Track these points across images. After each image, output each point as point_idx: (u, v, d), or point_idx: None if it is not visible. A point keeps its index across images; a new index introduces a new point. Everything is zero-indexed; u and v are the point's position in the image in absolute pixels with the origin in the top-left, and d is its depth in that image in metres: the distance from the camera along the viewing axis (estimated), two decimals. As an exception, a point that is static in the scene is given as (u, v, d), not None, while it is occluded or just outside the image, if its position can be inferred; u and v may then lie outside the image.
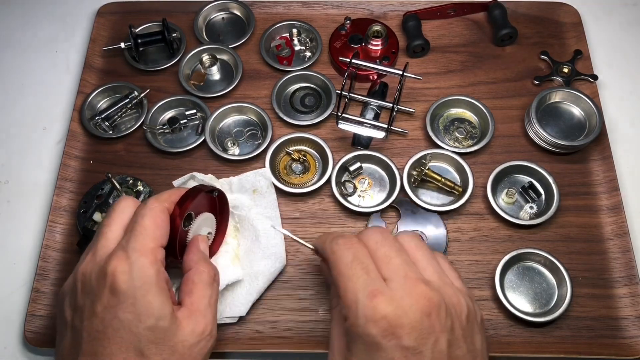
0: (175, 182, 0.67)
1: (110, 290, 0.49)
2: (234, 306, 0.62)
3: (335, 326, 0.50)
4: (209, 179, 0.66)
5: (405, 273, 0.48)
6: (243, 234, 0.65)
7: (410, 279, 0.47)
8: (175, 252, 0.54)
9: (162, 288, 0.50)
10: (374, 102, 0.74)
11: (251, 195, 0.68)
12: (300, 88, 0.78)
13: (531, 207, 0.70)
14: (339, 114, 0.72)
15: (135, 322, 0.48)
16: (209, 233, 0.58)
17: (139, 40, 0.79)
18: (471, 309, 0.49)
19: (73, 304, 0.52)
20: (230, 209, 0.64)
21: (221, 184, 0.67)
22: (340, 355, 0.49)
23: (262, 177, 0.68)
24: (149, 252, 0.50)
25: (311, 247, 0.56)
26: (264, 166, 0.70)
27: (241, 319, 0.63)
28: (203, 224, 0.57)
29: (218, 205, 0.61)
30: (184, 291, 0.53)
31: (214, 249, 0.61)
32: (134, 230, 0.51)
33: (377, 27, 0.79)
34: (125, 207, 0.54)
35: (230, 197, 0.64)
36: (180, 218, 0.54)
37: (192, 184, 0.66)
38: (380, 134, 0.72)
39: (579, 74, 0.78)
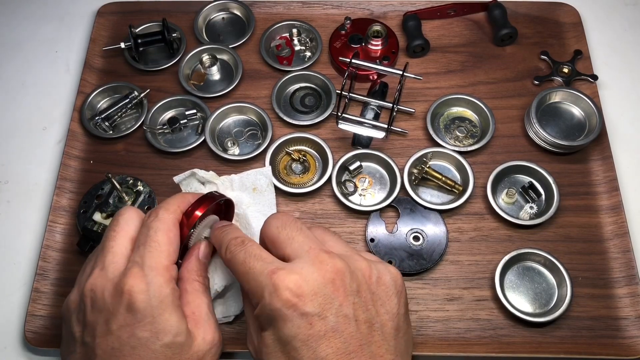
0: (176, 178, 0.66)
1: (127, 308, 0.48)
2: (229, 306, 0.62)
3: (249, 310, 0.52)
4: (209, 176, 0.66)
5: (308, 247, 0.49)
6: (242, 231, 0.64)
7: (313, 250, 0.49)
8: (181, 258, 0.55)
9: (177, 305, 0.50)
10: (374, 102, 0.74)
11: (251, 193, 0.68)
12: (300, 88, 0.78)
13: (531, 207, 0.69)
14: (339, 114, 0.72)
15: (153, 339, 0.48)
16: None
17: (139, 40, 0.79)
18: (383, 274, 0.50)
19: (82, 320, 0.51)
20: None
21: (222, 181, 0.67)
22: (256, 334, 0.50)
23: (262, 175, 0.68)
24: (165, 271, 0.50)
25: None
26: (264, 166, 0.70)
27: (239, 317, 0.63)
28: (207, 227, 0.57)
29: (224, 209, 0.60)
30: (181, 302, 0.52)
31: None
32: (148, 246, 0.51)
33: (377, 27, 0.79)
34: (129, 219, 0.53)
35: (231, 195, 0.64)
36: (187, 228, 0.53)
37: (193, 181, 0.66)
38: (380, 134, 0.72)
39: (579, 74, 0.78)
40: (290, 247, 0.50)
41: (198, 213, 0.54)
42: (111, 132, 0.75)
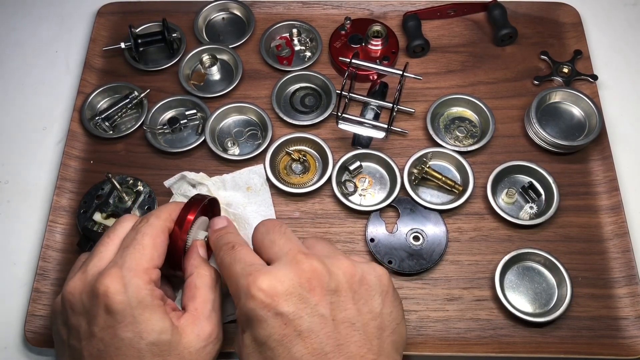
0: (167, 183, 0.67)
1: (106, 310, 0.48)
2: (232, 306, 0.62)
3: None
4: (199, 178, 0.66)
5: (287, 249, 0.50)
6: (239, 231, 0.64)
7: (291, 252, 0.49)
8: (179, 267, 0.54)
9: (157, 305, 0.49)
10: (374, 102, 0.74)
11: (245, 192, 0.68)
12: (300, 88, 0.78)
13: (531, 207, 0.70)
14: (339, 114, 0.72)
15: (137, 339, 0.48)
16: (206, 237, 0.57)
17: (139, 41, 0.79)
18: (367, 273, 0.50)
19: (67, 324, 0.51)
20: (224, 206, 0.64)
21: (214, 181, 0.67)
22: (239, 335, 0.50)
23: (255, 174, 0.69)
24: (144, 273, 0.50)
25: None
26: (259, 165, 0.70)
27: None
28: (199, 229, 0.57)
29: (210, 208, 0.60)
30: (187, 296, 0.53)
31: (209, 251, 0.61)
32: (132, 248, 0.51)
33: (377, 27, 0.79)
34: (126, 227, 0.54)
35: (224, 195, 0.64)
36: (182, 241, 0.53)
37: (183, 183, 0.66)
38: (380, 134, 0.72)
39: (579, 74, 0.78)
40: (271, 251, 0.50)
41: (190, 217, 0.54)
42: (111, 132, 0.75)
